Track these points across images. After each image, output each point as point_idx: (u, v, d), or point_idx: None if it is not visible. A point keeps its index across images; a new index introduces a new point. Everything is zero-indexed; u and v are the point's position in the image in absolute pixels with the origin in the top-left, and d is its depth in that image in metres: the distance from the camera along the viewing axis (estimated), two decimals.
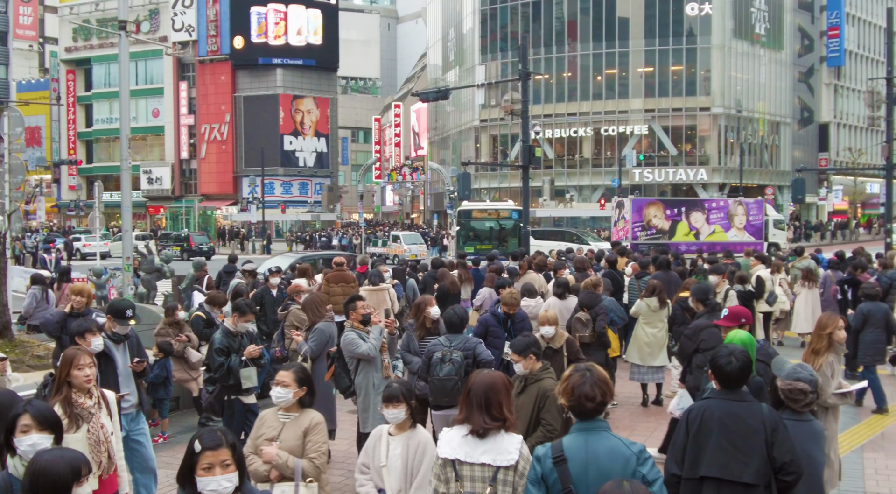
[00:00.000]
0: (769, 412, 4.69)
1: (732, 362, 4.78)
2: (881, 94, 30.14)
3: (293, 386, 5.58)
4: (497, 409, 4.42)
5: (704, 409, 4.78)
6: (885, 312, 11.45)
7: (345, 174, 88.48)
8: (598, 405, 4.13)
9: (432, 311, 8.75)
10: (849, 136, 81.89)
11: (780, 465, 4.56)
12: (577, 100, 70.32)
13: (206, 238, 56.09)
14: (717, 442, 4.65)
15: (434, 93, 30.60)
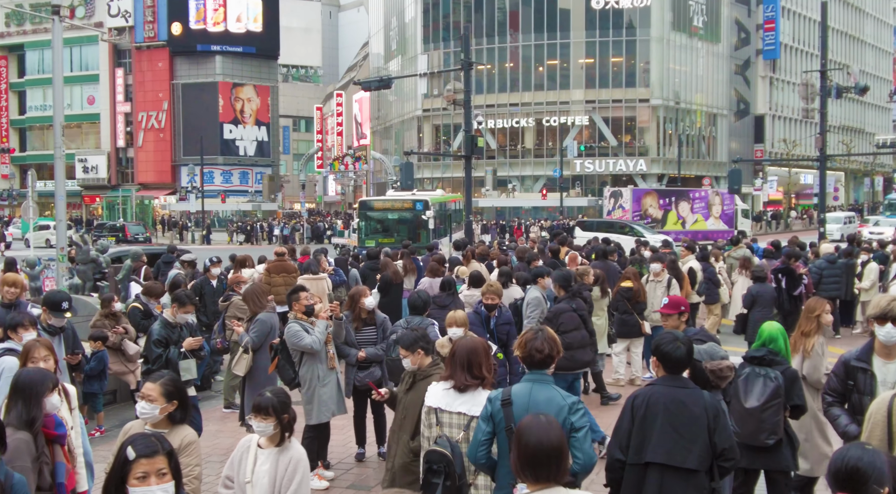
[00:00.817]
0: (711, 398, 4.76)
1: (679, 347, 4.84)
2: (815, 86, 30.78)
3: (160, 401, 4.72)
4: (477, 369, 5.19)
5: (650, 395, 4.81)
6: (772, 293, 12.62)
7: (286, 163, 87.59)
8: (546, 357, 4.84)
9: (367, 302, 8.72)
10: (784, 127, 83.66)
11: (720, 451, 4.64)
12: (518, 90, 70.64)
13: (142, 228, 55.09)
14: (661, 428, 4.70)
15: (376, 82, 30.41)
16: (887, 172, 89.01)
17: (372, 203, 31.55)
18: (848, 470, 3.18)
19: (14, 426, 4.70)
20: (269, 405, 4.70)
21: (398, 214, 30.23)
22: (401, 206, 30.17)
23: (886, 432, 4.47)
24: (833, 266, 15.99)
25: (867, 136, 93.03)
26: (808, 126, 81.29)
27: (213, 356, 11.80)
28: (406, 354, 6.10)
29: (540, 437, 3.61)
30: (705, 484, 4.64)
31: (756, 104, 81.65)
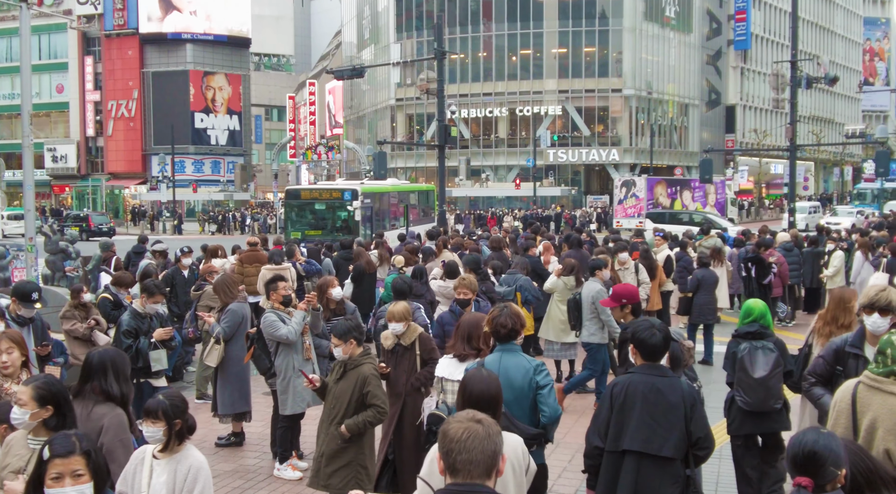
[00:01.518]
0: (688, 387, 4.80)
1: (655, 334, 4.87)
2: (786, 77, 31.03)
3: (30, 405, 4.21)
4: (476, 341, 5.76)
5: (628, 384, 4.85)
6: (716, 278, 13.36)
7: (258, 153, 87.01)
8: (510, 331, 5.40)
9: (334, 292, 8.71)
10: (754, 117, 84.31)
11: (695, 440, 4.68)
12: (492, 80, 70.60)
13: (106, 218, 54.49)
14: (639, 417, 4.74)
15: (349, 71, 30.27)
16: (856, 161, 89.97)
17: (298, 192, 29.21)
18: (805, 454, 3.22)
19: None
20: (159, 409, 4.25)
21: (325, 203, 27.83)
22: (328, 195, 28.00)
23: (851, 419, 4.50)
24: (790, 254, 16.34)
25: (837, 126, 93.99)
26: (779, 116, 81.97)
27: (184, 347, 11.72)
28: (338, 343, 6.13)
29: (481, 387, 4.16)
30: (680, 472, 4.69)
31: (727, 94, 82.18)
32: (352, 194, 26.82)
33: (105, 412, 4.83)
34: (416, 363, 7.03)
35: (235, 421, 9.06)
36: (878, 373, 4.44)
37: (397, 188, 34.21)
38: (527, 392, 5.22)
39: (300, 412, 8.17)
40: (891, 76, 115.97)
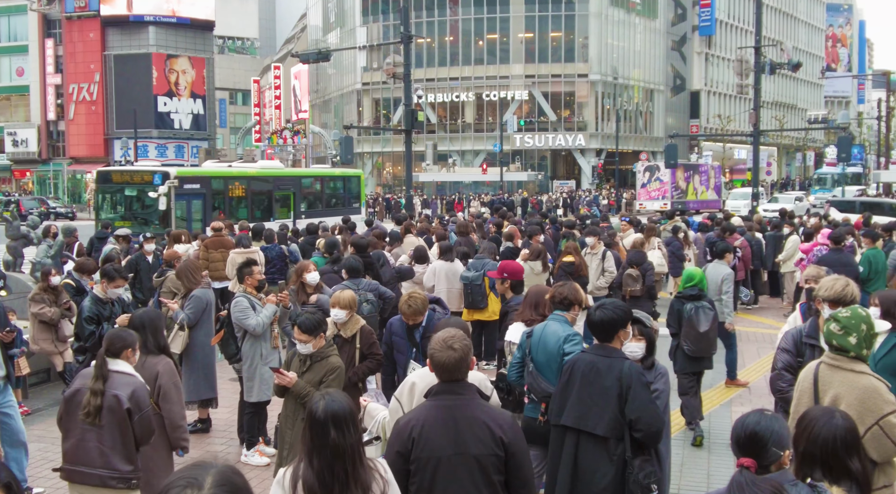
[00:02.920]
0: (629, 369, 4.83)
1: (596, 312, 5.00)
2: (750, 62, 31.27)
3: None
4: (542, 308, 6.45)
5: (575, 362, 5.00)
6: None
7: (223, 137, 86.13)
8: (564, 299, 6.10)
9: (309, 277, 8.68)
10: (719, 103, 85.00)
11: (629, 421, 4.75)
12: (458, 64, 70.46)
13: (37, 202, 53.40)
14: (577, 394, 4.87)
15: (315, 54, 29.99)
16: (818, 147, 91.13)
17: (110, 174, 25.40)
18: (748, 435, 3.30)
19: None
20: None
21: (137, 188, 24.06)
22: (140, 179, 24.12)
23: (813, 399, 4.65)
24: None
25: (799, 111, 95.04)
26: (743, 102, 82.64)
27: None
28: (307, 339, 5.96)
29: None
30: (615, 451, 4.75)
31: (692, 80, 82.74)
32: (162, 177, 22.96)
33: (157, 361, 5.78)
34: (354, 357, 6.75)
35: (201, 408, 8.99)
36: (836, 354, 4.67)
37: (263, 173, 27.99)
38: (555, 356, 5.77)
39: (266, 400, 8.13)
40: (853, 62, 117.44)
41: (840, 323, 4.65)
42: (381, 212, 49.39)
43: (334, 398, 3.51)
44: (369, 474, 3.42)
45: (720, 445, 8.36)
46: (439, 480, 3.85)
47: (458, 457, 3.83)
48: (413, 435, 3.88)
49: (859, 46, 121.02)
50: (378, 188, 73.72)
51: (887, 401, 4.43)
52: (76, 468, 5.21)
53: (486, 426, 3.88)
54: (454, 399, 3.94)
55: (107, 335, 5.56)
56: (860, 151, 71.13)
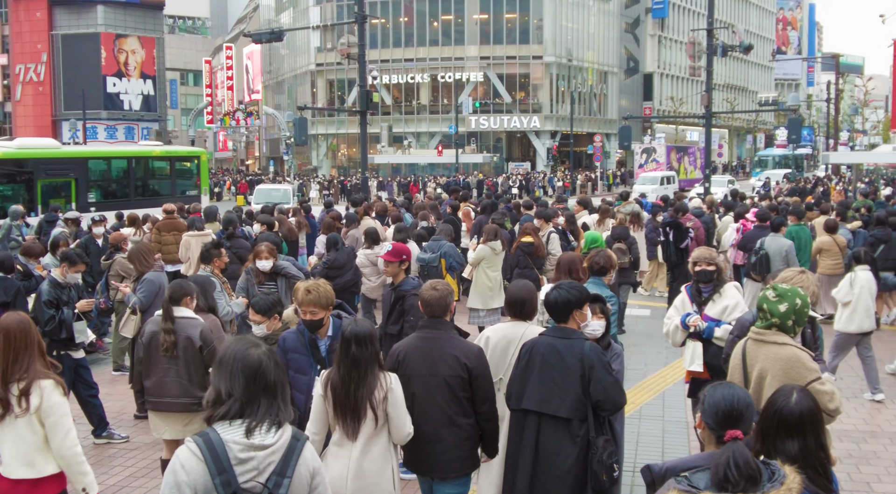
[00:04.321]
0: (590, 350, 4.83)
1: (551, 293, 5.04)
2: (702, 45, 31.42)
3: None
4: (575, 274, 6.83)
5: (534, 344, 4.97)
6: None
7: (174, 118, 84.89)
8: (601, 268, 6.93)
9: (260, 264, 8.62)
10: (671, 85, 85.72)
11: (594, 402, 4.76)
12: (413, 45, 70.12)
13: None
14: (538, 377, 4.86)
15: (267, 34, 29.54)
16: (769, 129, 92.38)
17: None
18: (731, 409, 3.27)
19: None
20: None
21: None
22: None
23: (742, 374, 4.76)
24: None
25: (750, 94, 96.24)
26: (695, 84, 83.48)
27: (99, 318, 11.42)
28: (262, 319, 6.00)
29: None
30: (578, 432, 4.76)
31: (645, 62, 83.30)
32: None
33: (205, 318, 6.57)
34: None
35: None
36: (761, 327, 4.75)
37: (14, 155, 22.93)
38: None
39: None
40: (803, 45, 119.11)
41: (777, 291, 4.75)
42: (336, 194, 49.07)
43: (358, 323, 4.69)
44: (376, 381, 4.57)
45: (674, 422, 8.45)
46: (417, 392, 4.91)
47: (431, 377, 4.91)
48: (399, 358, 5.04)
49: (809, 29, 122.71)
50: (333, 171, 73.29)
51: (810, 369, 4.53)
52: (162, 399, 6.36)
53: (455, 355, 4.91)
54: (434, 333, 5.04)
55: (169, 286, 6.56)
56: (810, 133, 72.31)
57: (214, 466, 2.98)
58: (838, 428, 7.85)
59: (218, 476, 2.97)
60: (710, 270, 6.69)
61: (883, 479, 7.03)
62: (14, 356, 4.57)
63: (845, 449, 7.62)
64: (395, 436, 4.68)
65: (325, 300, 5.42)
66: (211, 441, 3.02)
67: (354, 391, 4.54)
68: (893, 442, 7.79)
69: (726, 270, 7.07)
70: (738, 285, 6.90)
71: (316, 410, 4.72)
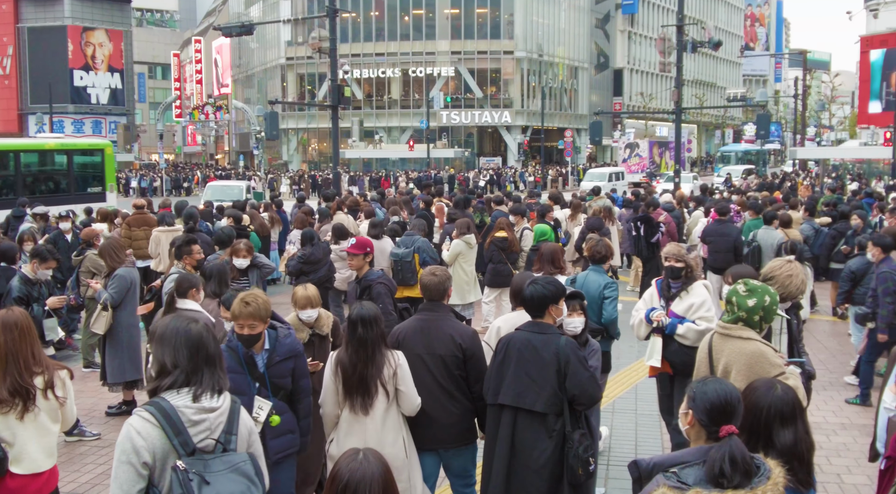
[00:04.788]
0: (566, 344, 4.87)
1: (527, 288, 5.07)
2: (672, 41, 31.59)
3: None
4: (556, 263, 7.30)
5: (510, 339, 5.00)
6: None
7: (142, 112, 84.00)
8: (602, 257, 7.52)
9: (237, 262, 8.58)
10: (641, 81, 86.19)
11: (570, 396, 4.80)
12: (384, 40, 69.91)
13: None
14: (514, 372, 4.88)
15: (237, 28, 29.31)
16: (737, 124, 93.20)
17: None
18: (726, 403, 3.28)
19: None
20: None
21: None
22: None
23: (708, 368, 4.81)
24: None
25: (719, 89, 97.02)
26: (664, 80, 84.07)
27: (69, 315, 11.29)
28: (224, 314, 6.06)
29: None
30: (554, 427, 4.79)
31: (615, 58, 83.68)
32: None
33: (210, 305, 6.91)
34: (328, 350, 6.14)
35: (126, 390, 8.78)
36: (728, 321, 4.78)
37: None
38: (597, 300, 7.07)
39: None
40: (770, 41, 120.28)
41: (748, 286, 4.78)
42: (307, 189, 48.85)
43: (364, 307, 5.04)
44: (384, 360, 4.94)
45: (647, 415, 8.51)
46: (416, 370, 5.18)
47: (429, 356, 5.25)
48: (399, 338, 5.39)
49: (777, 26, 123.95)
50: (304, 165, 72.93)
51: (773, 364, 4.58)
52: None
53: (451, 335, 5.28)
54: (431, 315, 5.42)
55: (176, 278, 6.69)
56: (777, 129, 73.07)
57: (171, 429, 3.28)
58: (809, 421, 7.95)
59: (176, 437, 3.27)
60: (677, 266, 6.70)
61: (853, 470, 7.13)
62: (30, 349, 4.66)
63: (816, 441, 7.72)
64: (406, 408, 5.06)
65: (264, 313, 4.94)
66: (163, 408, 3.31)
67: (363, 369, 4.91)
68: (863, 434, 7.90)
69: (698, 268, 7.09)
70: (708, 284, 6.89)
71: (328, 389, 5.06)
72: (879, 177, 41.33)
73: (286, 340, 5.13)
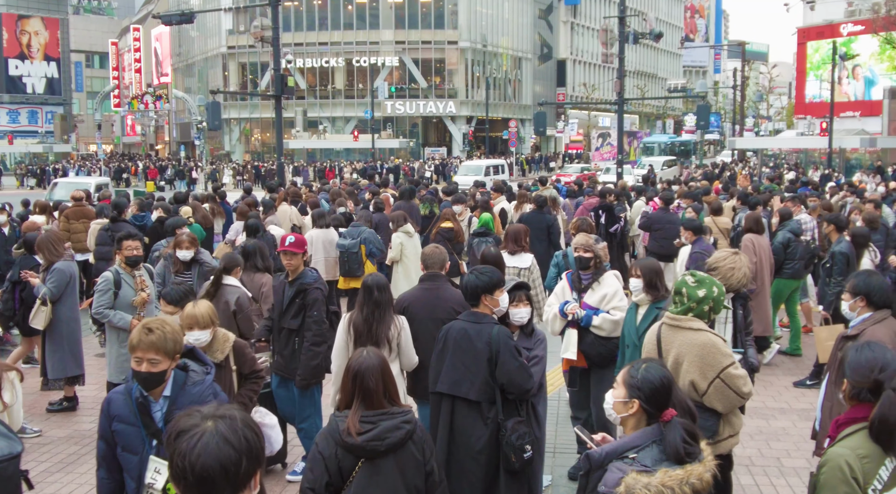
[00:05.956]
0: (497, 334, 4.94)
1: (465, 277, 5.22)
2: (614, 32, 31.91)
3: None
4: (522, 241, 8.32)
5: (448, 329, 5.12)
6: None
7: (80, 102, 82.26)
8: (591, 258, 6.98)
9: (180, 254, 8.45)
10: (584, 72, 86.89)
11: (500, 385, 4.89)
12: (328, 29, 69.39)
13: None
14: (450, 361, 5.01)
15: (178, 16, 28.80)
16: (677, 115, 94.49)
17: None
18: (667, 386, 3.34)
19: None
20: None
21: None
22: None
23: (658, 358, 4.82)
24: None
25: (660, 80, 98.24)
26: (607, 71, 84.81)
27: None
28: (174, 311, 5.87)
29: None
30: (488, 414, 4.90)
31: (558, 49, 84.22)
32: None
33: (261, 277, 7.83)
34: (233, 382, 5.48)
35: (68, 385, 8.61)
36: (677, 312, 4.81)
37: None
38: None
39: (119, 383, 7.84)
40: (710, 33, 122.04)
41: (696, 277, 4.85)
42: (250, 180, 48.31)
43: (376, 275, 6.06)
44: (392, 320, 5.66)
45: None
46: (420, 332, 5.90)
47: (430, 320, 5.93)
48: (405, 305, 6.12)
49: (716, 18, 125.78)
50: (246, 156, 72.11)
51: (725, 354, 4.64)
52: None
53: (449, 302, 6.00)
54: (432, 284, 6.18)
55: (224, 258, 7.43)
56: (717, 119, 74.19)
57: None
58: (749, 405, 8.11)
59: None
60: (586, 257, 6.62)
61: (792, 454, 7.30)
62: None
63: (756, 426, 7.90)
64: (405, 364, 5.82)
65: (171, 345, 3.88)
66: None
67: (376, 328, 5.58)
68: (802, 419, 8.10)
69: (606, 258, 7.17)
70: (618, 274, 6.82)
71: (339, 348, 5.75)
72: (816, 166, 42.34)
73: (193, 388, 3.97)
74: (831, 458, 3.27)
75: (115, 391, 4.03)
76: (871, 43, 48.07)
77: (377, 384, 3.80)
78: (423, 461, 3.80)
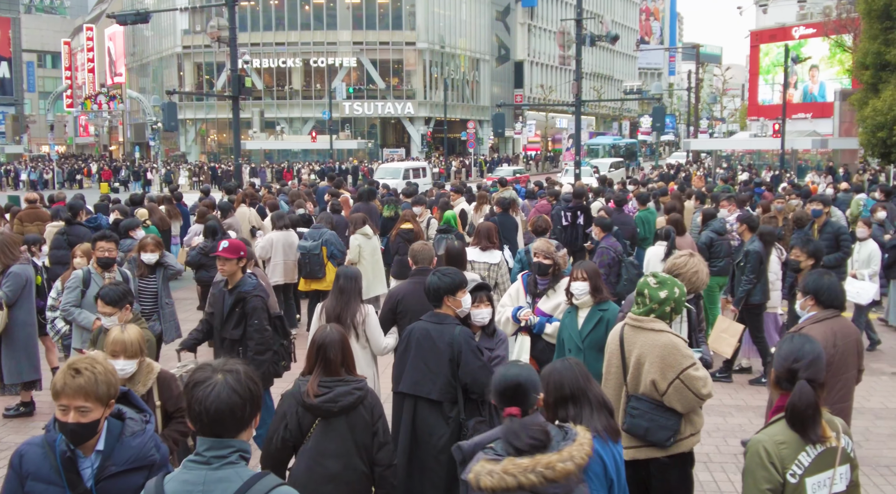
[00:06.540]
0: (460, 334, 5.03)
1: (428, 278, 5.30)
2: (571, 34, 32.14)
3: None
4: (493, 238, 8.58)
5: (412, 329, 5.20)
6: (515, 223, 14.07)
7: (31, 102, 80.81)
8: (543, 229, 9.51)
9: (145, 257, 8.37)
10: (541, 73, 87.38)
11: (462, 385, 4.97)
12: (285, 29, 69.00)
13: None
14: (412, 361, 5.09)
15: (132, 16, 28.39)
16: (633, 116, 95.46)
17: None
18: (514, 387, 3.43)
19: None
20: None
21: None
22: None
23: (620, 359, 4.89)
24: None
25: (616, 82, 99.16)
26: (564, 72, 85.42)
27: None
28: (112, 311, 5.75)
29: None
30: (449, 414, 4.98)
31: (516, 50, 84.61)
32: None
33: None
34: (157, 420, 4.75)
35: (24, 391, 8.49)
36: (639, 313, 4.85)
37: None
38: None
39: None
40: (665, 35, 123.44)
41: (658, 279, 4.90)
42: (207, 181, 47.87)
43: (350, 267, 6.32)
44: (358, 308, 6.01)
45: None
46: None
47: (423, 313, 5.45)
48: (398, 298, 6.28)
49: (671, 20, 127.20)
50: (203, 157, 71.42)
51: (685, 356, 4.69)
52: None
53: None
54: (422, 278, 5.93)
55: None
56: (672, 121, 75.09)
57: None
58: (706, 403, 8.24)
59: None
60: (545, 263, 6.53)
61: None
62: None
63: (713, 423, 8.03)
64: (374, 349, 6.13)
65: (104, 389, 3.21)
66: None
67: (341, 311, 5.90)
68: (758, 415, 8.23)
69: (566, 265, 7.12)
70: None
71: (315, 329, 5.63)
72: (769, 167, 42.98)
73: (133, 440, 3.35)
74: (752, 444, 3.48)
75: (30, 443, 3.32)
76: (823, 46, 49.01)
77: (336, 355, 4.34)
78: (370, 422, 4.32)
